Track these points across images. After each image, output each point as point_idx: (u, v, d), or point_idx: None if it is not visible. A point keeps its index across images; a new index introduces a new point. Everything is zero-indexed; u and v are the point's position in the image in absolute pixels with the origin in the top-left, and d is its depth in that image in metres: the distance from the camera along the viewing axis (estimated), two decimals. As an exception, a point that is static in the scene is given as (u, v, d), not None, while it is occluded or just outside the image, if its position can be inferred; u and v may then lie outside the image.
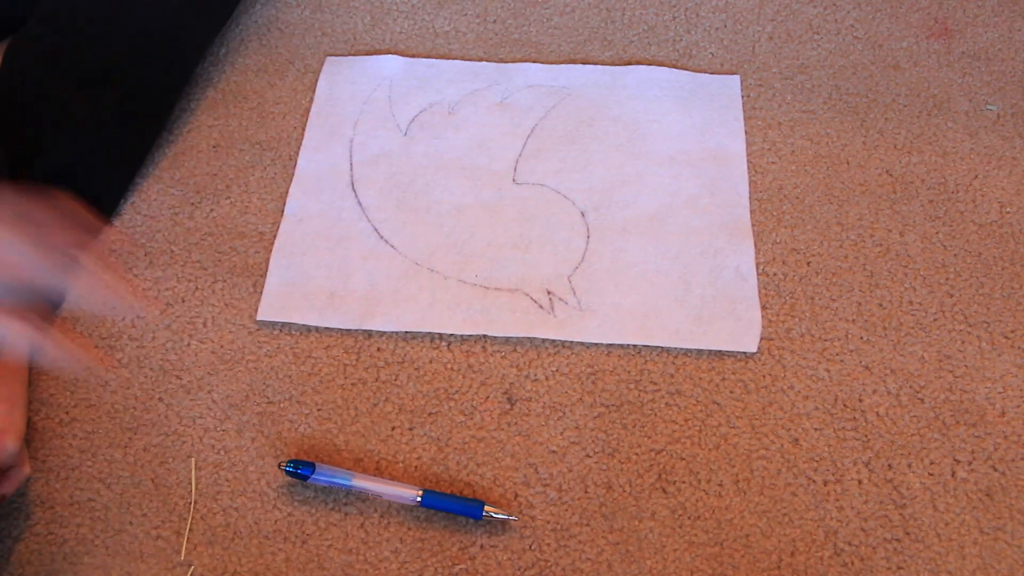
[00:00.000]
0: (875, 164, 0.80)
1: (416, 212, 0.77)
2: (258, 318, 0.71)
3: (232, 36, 0.88)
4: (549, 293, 0.72)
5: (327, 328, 0.71)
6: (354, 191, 0.78)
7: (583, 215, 0.77)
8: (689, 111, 0.83)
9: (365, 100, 0.83)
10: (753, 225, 0.76)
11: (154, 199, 0.78)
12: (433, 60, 0.86)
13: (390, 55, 0.86)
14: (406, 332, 0.71)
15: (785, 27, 0.89)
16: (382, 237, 0.75)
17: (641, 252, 0.75)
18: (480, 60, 0.86)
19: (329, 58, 0.85)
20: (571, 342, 0.70)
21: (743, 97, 0.84)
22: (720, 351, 0.70)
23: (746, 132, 0.82)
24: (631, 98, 0.83)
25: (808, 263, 0.75)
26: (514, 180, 0.79)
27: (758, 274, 0.74)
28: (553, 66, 0.86)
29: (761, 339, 0.71)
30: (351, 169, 0.79)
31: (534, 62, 0.86)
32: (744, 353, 0.70)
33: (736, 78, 0.85)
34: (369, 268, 0.74)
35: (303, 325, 0.71)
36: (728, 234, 0.76)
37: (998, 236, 0.76)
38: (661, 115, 0.82)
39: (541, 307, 0.72)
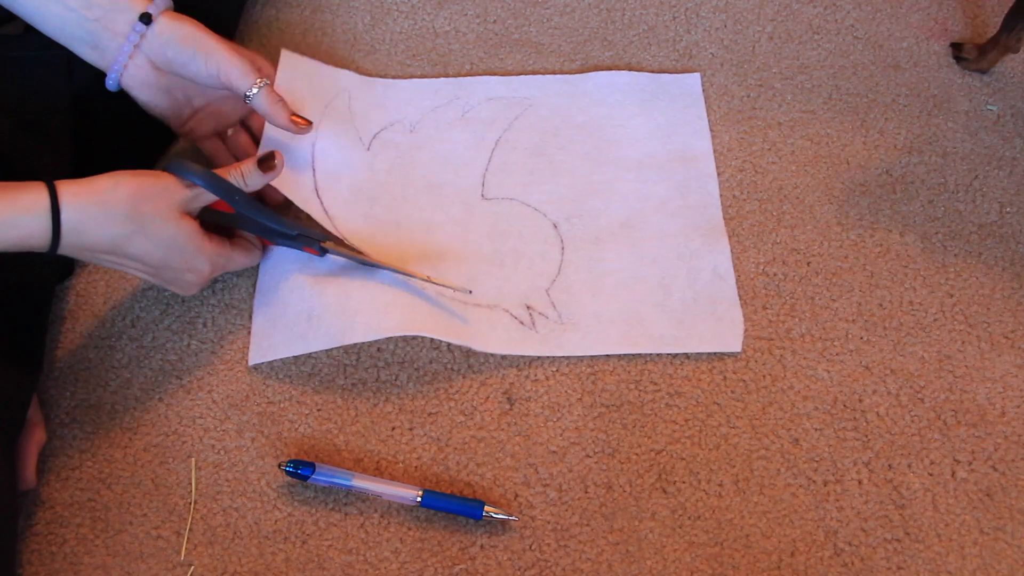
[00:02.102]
0: (875, 164, 0.80)
1: (384, 226, 0.74)
2: (250, 364, 0.69)
3: (232, 36, 0.88)
4: (529, 308, 0.71)
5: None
6: (319, 197, 0.75)
7: (555, 227, 0.76)
8: (652, 113, 0.82)
9: (326, 105, 0.79)
10: (754, 225, 0.76)
11: (154, 199, 0.78)
12: (389, 80, 0.83)
13: (346, 71, 0.83)
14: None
15: (785, 27, 0.89)
16: (352, 248, 0.72)
17: (617, 260, 0.74)
18: (436, 77, 0.84)
19: (284, 51, 0.80)
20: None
21: (753, 97, 0.84)
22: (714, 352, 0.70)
23: (745, 132, 0.82)
24: (593, 104, 0.82)
25: (808, 263, 0.75)
26: (483, 196, 0.77)
27: (758, 274, 0.74)
28: (511, 77, 0.84)
29: (761, 339, 0.71)
30: (314, 175, 0.75)
31: (493, 74, 0.84)
32: (730, 353, 0.70)
33: (696, 76, 0.84)
34: (342, 281, 0.70)
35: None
36: (702, 235, 0.75)
37: (998, 236, 0.76)
38: (625, 120, 0.82)
39: (522, 323, 0.71)
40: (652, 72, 0.85)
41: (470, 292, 0.70)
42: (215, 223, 0.67)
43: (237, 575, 0.62)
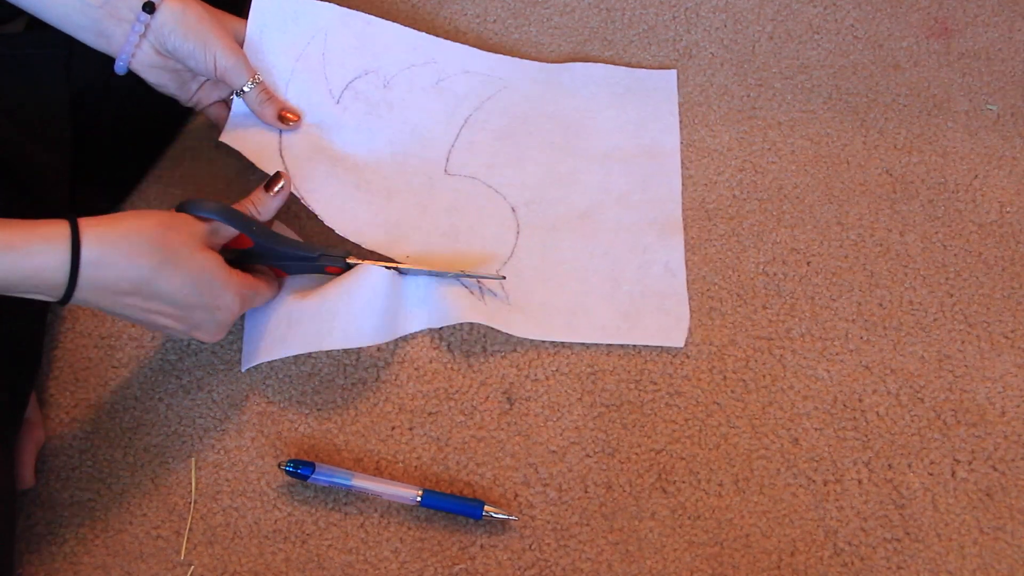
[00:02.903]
0: (875, 164, 0.80)
1: (345, 187, 0.73)
2: (242, 369, 0.69)
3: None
4: (479, 282, 0.72)
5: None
6: (281, 157, 0.72)
7: (514, 211, 0.76)
8: (624, 107, 0.82)
9: (297, 57, 0.76)
10: (754, 225, 0.76)
11: (154, 199, 0.78)
12: (371, 17, 0.80)
13: (327, 3, 0.78)
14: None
15: (785, 27, 0.89)
16: (310, 208, 0.71)
17: (571, 249, 0.74)
18: (420, 31, 0.82)
19: None
20: (568, 341, 0.70)
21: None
22: (656, 346, 0.70)
23: (745, 132, 0.82)
24: (567, 95, 0.82)
25: (808, 263, 0.75)
26: (446, 171, 0.77)
27: (758, 274, 0.74)
28: (490, 54, 0.84)
29: (761, 339, 0.71)
30: (279, 134, 0.74)
31: (474, 46, 0.84)
32: (671, 348, 0.70)
33: (673, 73, 0.84)
34: (320, 284, 0.69)
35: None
36: (658, 230, 0.75)
37: (998, 236, 0.76)
38: (596, 112, 0.82)
39: (471, 293, 0.71)
40: (631, 67, 0.85)
41: (503, 278, 0.71)
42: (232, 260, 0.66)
43: (237, 575, 0.62)
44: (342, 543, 0.63)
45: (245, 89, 0.71)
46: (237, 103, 0.73)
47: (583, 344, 0.70)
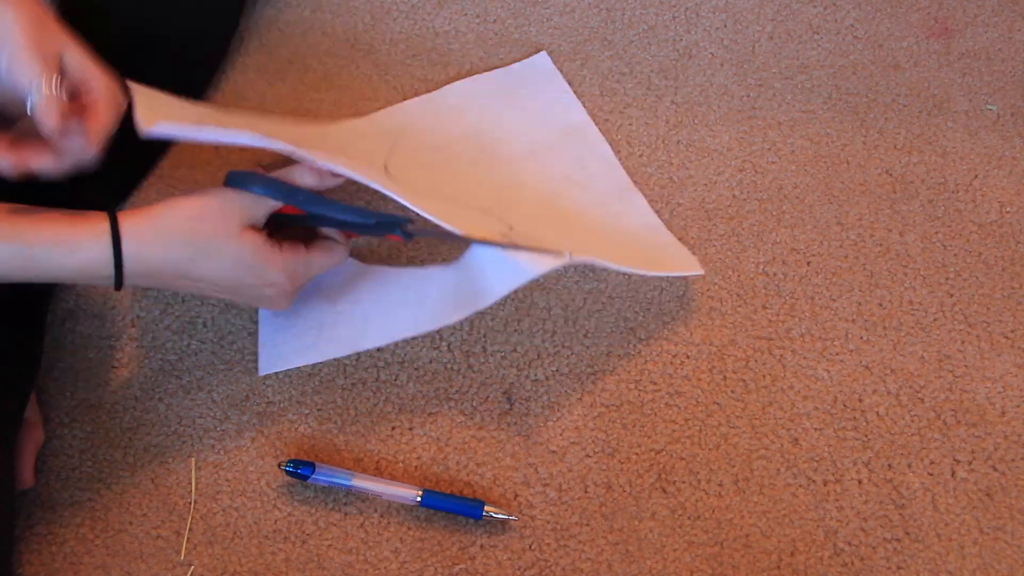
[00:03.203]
0: (875, 164, 0.80)
1: None
2: (260, 374, 0.69)
3: (232, 36, 0.88)
4: (510, 228, 0.67)
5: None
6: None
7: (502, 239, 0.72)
8: (518, 104, 0.82)
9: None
10: (754, 225, 0.76)
11: (154, 199, 0.77)
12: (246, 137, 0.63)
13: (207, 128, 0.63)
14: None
15: (785, 27, 0.89)
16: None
17: (558, 240, 0.69)
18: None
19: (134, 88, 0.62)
20: (568, 341, 0.70)
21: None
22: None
23: (745, 132, 0.82)
24: (460, 116, 0.82)
25: (808, 263, 0.75)
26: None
27: (758, 274, 0.74)
28: (371, 116, 0.81)
29: (761, 339, 0.71)
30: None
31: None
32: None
33: (543, 54, 0.85)
34: (351, 289, 0.69)
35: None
36: (617, 199, 0.77)
37: (998, 236, 0.76)
38: (496, 119, 0.81)
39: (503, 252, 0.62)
40: (501, 67, 0.85)
41: (568, 255, 0.63)
42: (293, 227, 0.64)
43: (237, 575, 0.62)
44: (342, 543, 0.63)
45: (33, 101, 0.54)
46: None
47: (583, 344, 0.70)
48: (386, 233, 0.63)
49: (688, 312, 0.72)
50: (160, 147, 0.80)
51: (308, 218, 0.64)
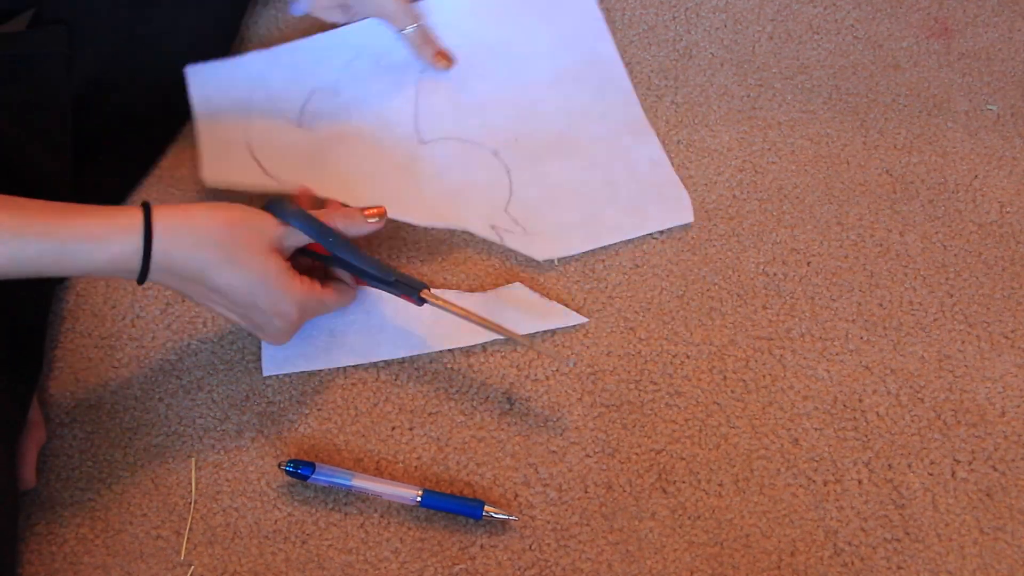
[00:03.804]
0: (875, 164, 0.80)
1: (329, 177, 0.74)
2: (264, 374, 0.69)
3: (234, 36, 0.88)
4: (494, 227, 0.74)
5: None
6: (258, 163, 0.75)
7: (496, 154, 0.79)
8: (552, 24, 0.85)
9: (247, 110, 0.79)
10: (754, 225, 0.76)
11: (155, 199, 0.77)
12: (291, 44, 0.83)
13: (248, 53, 0.82)
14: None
15: (785, 27, 0.89)
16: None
17: (561, 171, 0.78)
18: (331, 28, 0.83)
19: (189, 68, 0.79)
20: (568, 341, 0.70)
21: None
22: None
23: (745, 132, 0.82)
24: (495, 24, 0.84)
25: (808, 263, 0.75)
26: (420, 140, 0.80)
27: (758, 274, 0.74)
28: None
29: (761, 339, 0.71)
30: (258, 163, 0.76)
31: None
32: (683, 226, 0.74)
33: None
34: (363, 298, 0.70)
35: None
36: (630, 133, 0.80)
37: (998, 236, 0.76)
38: (529, 36, 0.84)
39: (494, 233, 0.74)
40: None
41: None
42: (310, 264, 0.66)
43: (237, 575, 0.62)
44: (342, 543, 0.63)
45: (408, 31, 0.79)
46: (208, 152, 0.75)
47: (583, 344, 0.70)
48: (401, 293, 0.66)
49: (688, 312, 0.72)
50: (160, 147, 0.80)
51: (330, 259, 0.66)
